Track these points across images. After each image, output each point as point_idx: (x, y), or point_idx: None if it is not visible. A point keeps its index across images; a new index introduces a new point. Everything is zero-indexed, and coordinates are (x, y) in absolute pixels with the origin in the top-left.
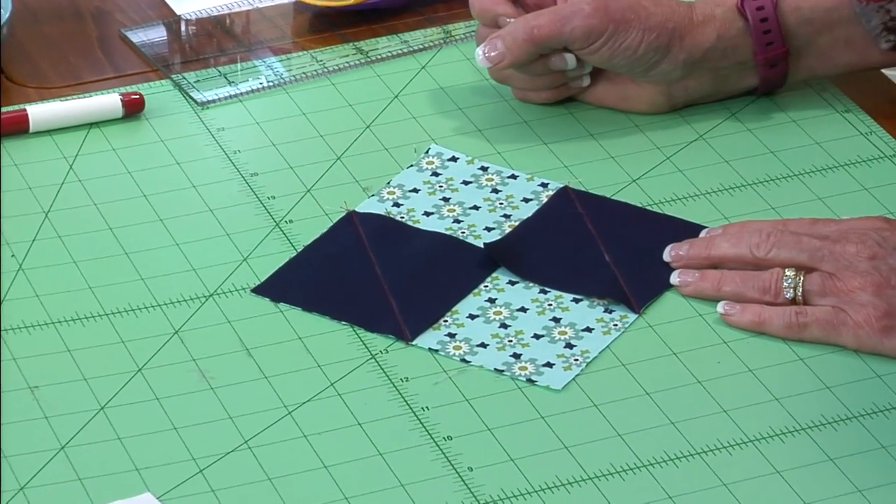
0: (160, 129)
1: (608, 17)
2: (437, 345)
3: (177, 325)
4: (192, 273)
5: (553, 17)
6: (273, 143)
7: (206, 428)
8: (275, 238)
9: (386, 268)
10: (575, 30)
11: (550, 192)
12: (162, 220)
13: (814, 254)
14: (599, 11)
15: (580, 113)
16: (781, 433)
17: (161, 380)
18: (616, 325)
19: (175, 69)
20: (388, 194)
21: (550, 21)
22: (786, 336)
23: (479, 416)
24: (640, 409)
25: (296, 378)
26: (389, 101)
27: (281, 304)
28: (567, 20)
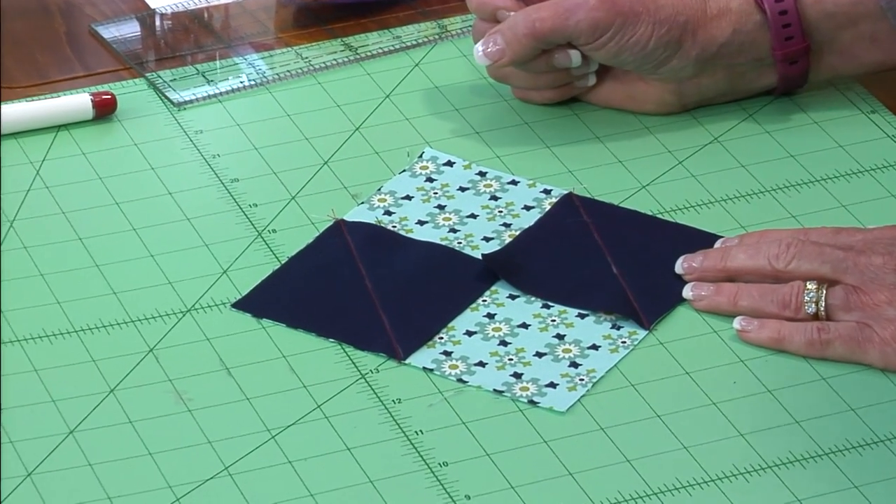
0: (133, 132)
1: (615, 9)
2: (431, 364)
3: (152, 343)
4: (168, 287)
5: (556, 9)
6: (255, 146)
7: (183, 453)
8: (257, 249)
9: (377, 281)
10: (580, 23)
11: (554, 200)
12: (136, 230)
13: (837, 265)
14: (606, 3)
15: (585, 114)
16: (802, 459)
17: (134, 401)
18: (624, 343)
19: (149, 67)
20: (379, 202)
21: (553, 14)
22: (807, 354)
23: (477, 441)
24: (650, 432)
25: (280, 399)
26: (380, 101)
27: (264, 319)
28: (571, 13)
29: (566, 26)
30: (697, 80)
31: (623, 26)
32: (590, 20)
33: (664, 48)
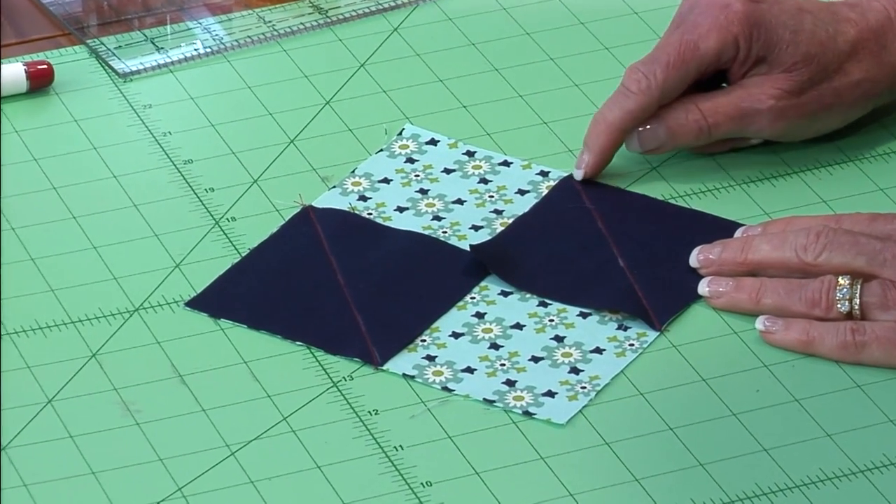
0: (73, 107)
1: (798, 110)
2: (412, 370)
3: (94, 347)
4: (113, 283)
5: (732, 113)
6: (211, 122)
7: (131, 472)
8: (214, 240)
9: (350, 276)
10: (762, 130)
11: (552, 183)
12: (76, 218)
13: (874, 258)
14: (788, 109)
15: (587, 86)
16: (835, 476)
17: (75, 414)
18: (632, 346)
19: (91, 33)
20: (353, 185)
21: (729, 119)
22: (840, 358)
23: (465, 458)
24: (661, 447)
25: (240, 411)
26: (354, 70)
27: (222, 320)
28: (750, 118)
29: (742, 131)
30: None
31: (815, 119)
32: (772, 129)
33: (864, 106)
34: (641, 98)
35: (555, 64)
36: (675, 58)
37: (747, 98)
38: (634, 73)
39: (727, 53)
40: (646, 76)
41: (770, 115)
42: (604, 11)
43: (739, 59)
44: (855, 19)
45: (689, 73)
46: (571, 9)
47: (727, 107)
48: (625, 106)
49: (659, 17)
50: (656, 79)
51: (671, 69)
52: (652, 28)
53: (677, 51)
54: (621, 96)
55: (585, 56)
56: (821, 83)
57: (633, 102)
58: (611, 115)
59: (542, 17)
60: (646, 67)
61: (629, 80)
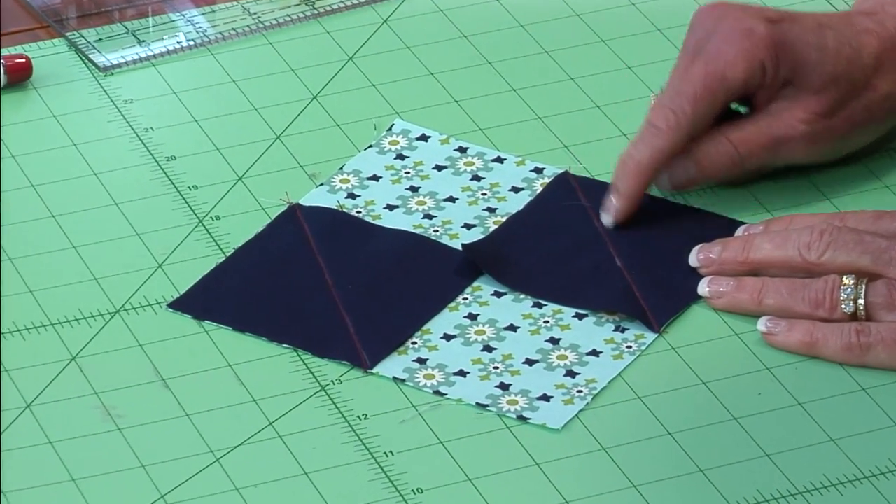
0: (52, 102)
1: (831, 132)
2: (403, 373)
3: (74, 350)
4: (94, 283)
5: (762, 141)
6: (195, 118)
7: (113, 479)
8: (197, 239)
9: (338, 276)
10: (795, 157)
11: (546, 180)
12: (55, 217)
13: (879, 256)
14: (820, 132)
15: (583, 80)
16: (839, 482)
17: (55, 418)
18: (630, 348)
19: (70, 25)
20: (342, 183)
21: (760, 148)
22: (844, 360)
23: (457, 464)
24: (660, 453)
25: (225, 416)
26: (342, 64)
27: (206, 322)
28: (781, 144)
29: (775, 159)
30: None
31: (846, 140)
32: (805, 151)
33: (892, 120)
34: (671, 135)
35: (550, 57)
36: (701, 90)
37: (778, 125)
38: (661, 110)
39: (755, 80)
40: (673, 112)
41: (803, 141)
42: (600, 3)
43: (766, 84)
44: (875, 30)
45: (718, 105)
46: (567, 0)
47: (758, 136)
48: (655, 144)
49: (656, 8)
50: (685, 114)
51: (699, 102)
52: (649, 20)
53: (704, 82)
54: (650, 135)
55: (581, 49)
56: (850, 102)
57: (662, 140)
58: (640, 154)
59: (537, 8)
60: (672, 102)
61: (656, 117)
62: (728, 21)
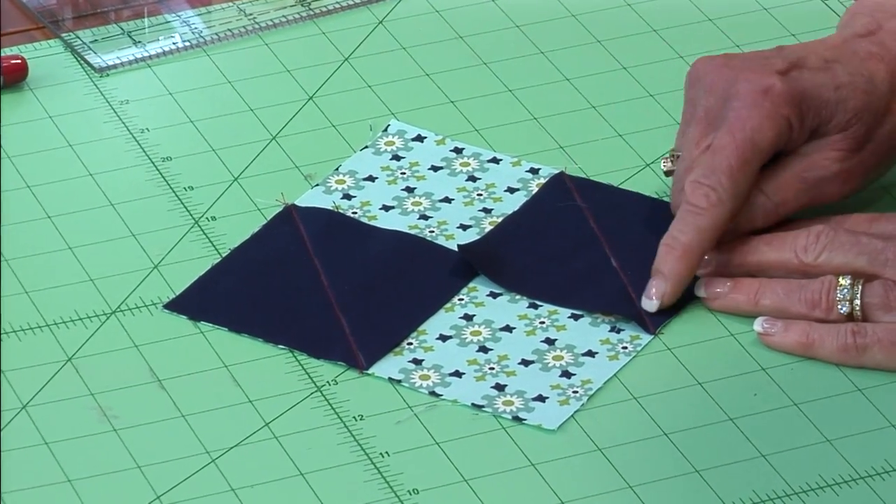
0: (48, 103)
1: (863, 166)
2: (398, 374)
3: (70, 350)
4: (90, 284)
5: (798, 187)
6: (190, 119)
7: (108, 480)
8: (193, 239)
9: (334, 277)
10: (832, 197)
11: (542, 180)
12: (50, 218)
13: (875, 257)
14: (853, 168)
15: (579, 80)
16: (835, 483)
17: (50, 419)
18: (626, 349)
19: (66, 26)
20: (337, 184)
21: (795, 194)
22: (840, 361)
23: (453, 464)
24: (656, 453)
25: (221, 417)
26: (338, 65)
27: (201, 323)
28: (818, 188)
29: (811, 202)
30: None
31: (875, 168)
32: (842, 192)
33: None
34: (714, 213)
35: (545, 58)
36: (736, 161)
37: (811, 167)
38: (699, 189)
39: (784, 139)
40: (713, 188)
41: (839, 180)
42: (596, 3)
43: (794, 137)
44: (879, 53)
45: (754, 172)
46: (562, 1)
47: (792, 182)
48: (699, 225)
49: (652, 9)
50: (724, 189)
51: (736, 174)
52: (645, 20)
53: (736, 154)
54: (691, 216)
55: (577, 49)
56: (875, 131)
57: (706, 220)
58: (685, 237)
59: (533, 9)
60: (709, 179)
61: (695, 196)
62: (741, 83)
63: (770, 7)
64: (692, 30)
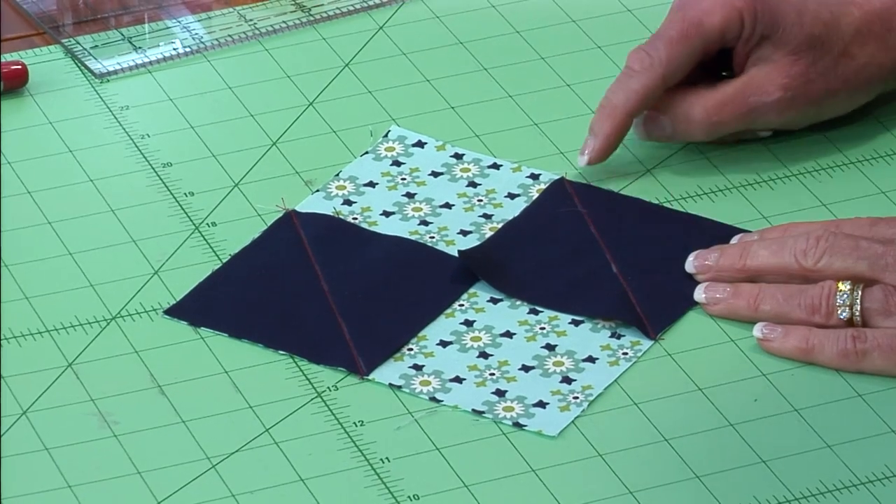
0: (48, 108)
1: (807, 97)
2: (399, 380)
3: (70, 356)
4: (90, 290)
5: (740, 109)
6: (191, 124)
7: (109, 486)
8: (194, 245)
9: (335, 282)
10: (770, 122)
11: (542, 186)
12: (51, 224)
13: (875, 262)
14: (796, 98)
15: (579, 86)
16: (836, 489)
17: (51, 425)
18: (626, 355)
19: (66, 32)
20: (338, 189)
21: (734, 115)
22: (840, 367)
23: (454, 470)
24: (656, 459)
25: (221, 422)
26: (338, 70)
27: (202, 328)
28: (758, 112)
29: (750, 124)
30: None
31: (822, 105)
32: (780, 118)
33: (868, 91)
34: (645, 76)
35: (546, 63)
36: (677, 34)
37: (754, 90)
38: (637, 53)
39: (732, 31)
40: (648, 54)
41: (778, 107)
42: (596, 9)
43: (744, 37)
44: (860, 2)
45: (695, 51)
46: (563, 6)
47: (734, 101)
48: (629, 86)
49: (653, 14)
50: (659, 56)
51: (675, 45)
52: (646, 26)
53: (681, 28)
54: (625, 77)
55: (578, 55)
56: (826, 69)
57: (636, 82)
58: (615, 97)
59: (533, 14)
60: (648, 46)
61: (632, 59)
62: None
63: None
64: None
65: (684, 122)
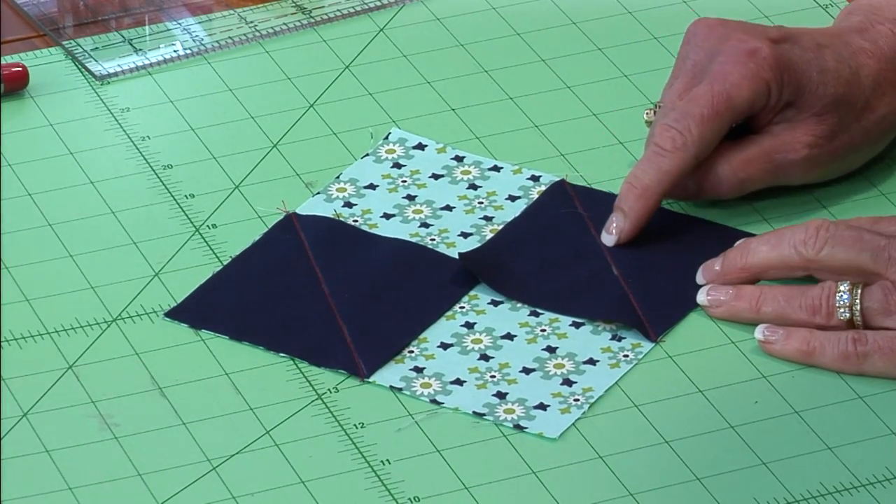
0: (49, 111)
1: (831, 155)
2: (400, 382)
3: (71, 358)
4: (90, 292)
5: (765, 166)
6: (191, 126)
7: (109, 488)
8: (194, 247)
9: (335, 285)
10: (794, 179)
11: (543, 188)
12: (51, 226)
13: (878, 255)
14: (821, 155)
15: (580, 88)
16: (836, 491)
17: (52, 427)
18: (627, 357)
19: (67, 34)
20: (338, 191)
21: (761, 172)
22: (841, 369)
23: (454, 472)
24: (657, 461)
25: (222, 424)
26: (339, 72)
27: (202, 331)
28: (783, 170)
29: (775, 181)
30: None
31: (846, 156)
32: (805, 176)
33: (886, 140)
34: (678, 157)
35: (546, 65)
36: (708, 111)
37: (780, 148)
38: (668, 132)
39: (760, 102)
40: (680, 133)
41: (804, 165)
42: (597, 11)
43: (770, 105)
44: (870, 49)
45: (724, 126)
46: (563, 8)
47: (760, 159)
48: (661, 167)
49: (653, 16)
50: (692, 135)
51: (706, 124)
52: (646, 28)
53: (710, 104)
54: (656, 156)
55: (578, 57)
56: (850, 124)
57: (669, 163)
58: (646, 177)
59: (533, 16)
60: (679, 124)
61: (662, 138)
62: (731, 41)
63: (771, 15)
64: None
65: (710, 180)
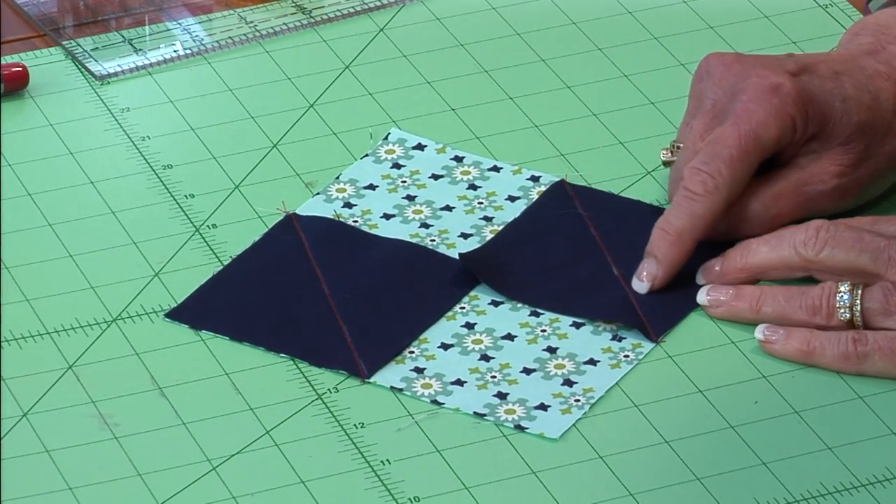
0: (49, 110)
1: (858, 182)
2: (400, 382)
3: (71, 358)
4: (90, 292)
5: (795, 200)
6: (191, 126)
7: (109, 488)
8: (194, 247)
9: (335, 285)
10: (826, 211)
11: (543, 188)
12: (51, 226)
13: (878, 255)
14: (850, 184)
15: (580, 87)
16: (836, 491)
17: (51, 427)
18: (627, 357)
19: (67, 34)
20: (338, 192)
21: (792, 206)
22: (841, 369)
23: (454, 472)
24: (657, 461)
25: (222, 424)
26: (339, 73)
27: (202, 331)
28: (814, 202)
29: (805, 213)
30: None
31: (870, 187)
32: (836, 206)
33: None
34: (710, 200)
35: (546, 65)
36: (737, 152)
37: (808, 180)
38: (697, 175)
39: (786, 138)
40: (711, 176)
41: (833, 195)
42: (597, 11)
43: (796, 140)
44: (885, 72)
45: (753, 166)
46: (563, 8)
47: (790, 193)
48: (694, 211)
49: (653, 16)
50: (722, 177)
51: (736, 164)
52: (646, 28)
53: (738, 144)
54: (687, 201)
55: (578, 57)
56: (875, 150)
57: (702, 207)
58: (679, 222)
59: (533, 16)
60: (708, 167)
61: (693, 182)
62: (752, 79)
63: (771, 15)
64: (693, 37)
65: (741, 219)
